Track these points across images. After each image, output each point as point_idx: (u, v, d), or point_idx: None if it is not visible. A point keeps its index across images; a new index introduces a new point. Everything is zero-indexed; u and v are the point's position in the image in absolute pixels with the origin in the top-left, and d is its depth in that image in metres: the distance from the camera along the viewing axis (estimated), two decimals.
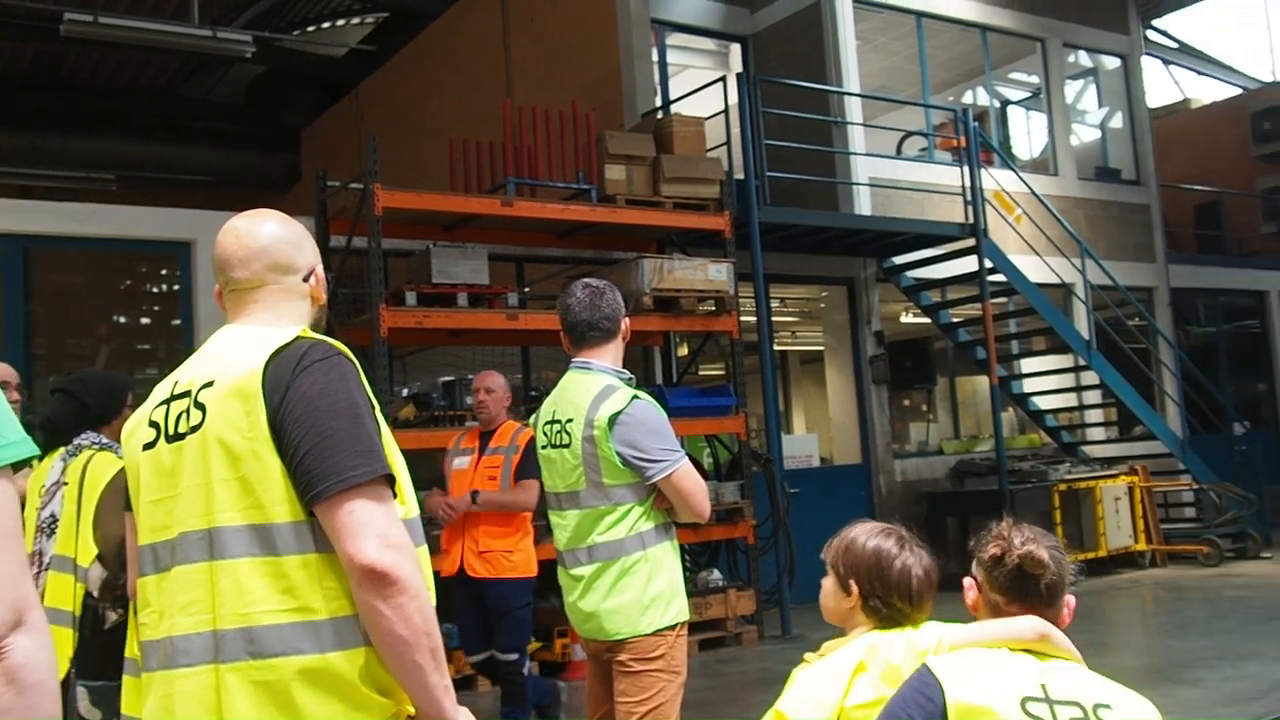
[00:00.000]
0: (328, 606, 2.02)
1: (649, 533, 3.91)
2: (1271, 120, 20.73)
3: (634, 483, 3.86)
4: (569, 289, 4.08)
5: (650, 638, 3.86)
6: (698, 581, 9.75)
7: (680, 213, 9.83)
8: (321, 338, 2.17)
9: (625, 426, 3.83)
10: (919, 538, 2.64)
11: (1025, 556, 2.32)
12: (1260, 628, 8.91)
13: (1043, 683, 2.16)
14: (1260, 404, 18.11)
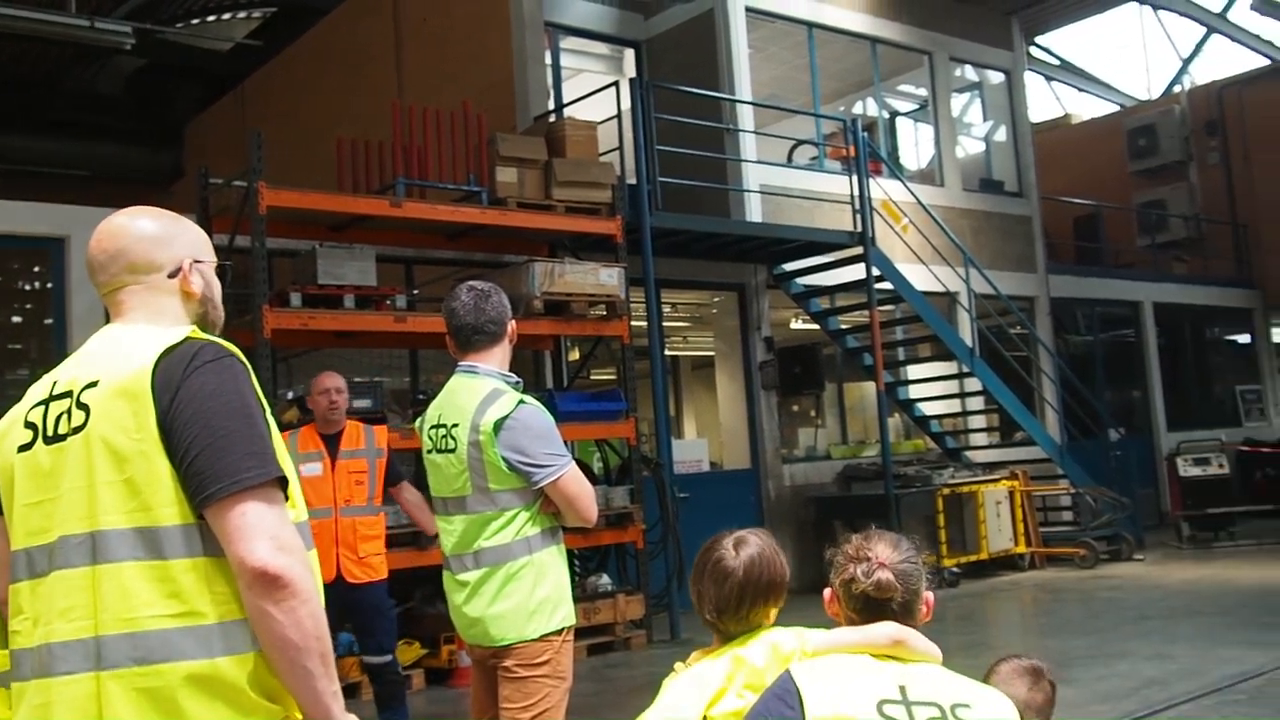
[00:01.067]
0: (216, 611, 1.98)
1: (535, 538, 3.88)
2: (1146, 137, 21.46)
3: (520, 488, 3.84)
4: (454, 292, 4.03)
5: (536, 643, 3.83)
6: (587, 586, 9.73)
7: (572, 217, 9.81)
8: (212, 338, 2.13)
9: (511, 431, 3.80)
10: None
11: (874, 586, 2.35)
12: (1132, 627, 9.19)
13: (901, 684, 2.19)
14: (1134, 410, 18.70)
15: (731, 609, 2.48)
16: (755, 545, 2.54)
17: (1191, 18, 22.53)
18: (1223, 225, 20.94)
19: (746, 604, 2.48)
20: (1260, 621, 9.01)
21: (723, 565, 2.49)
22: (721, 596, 2.48)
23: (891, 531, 2.51)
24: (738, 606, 2.48)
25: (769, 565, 2.51)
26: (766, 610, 2.52)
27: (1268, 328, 21.09)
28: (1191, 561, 13.09)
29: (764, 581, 2.50)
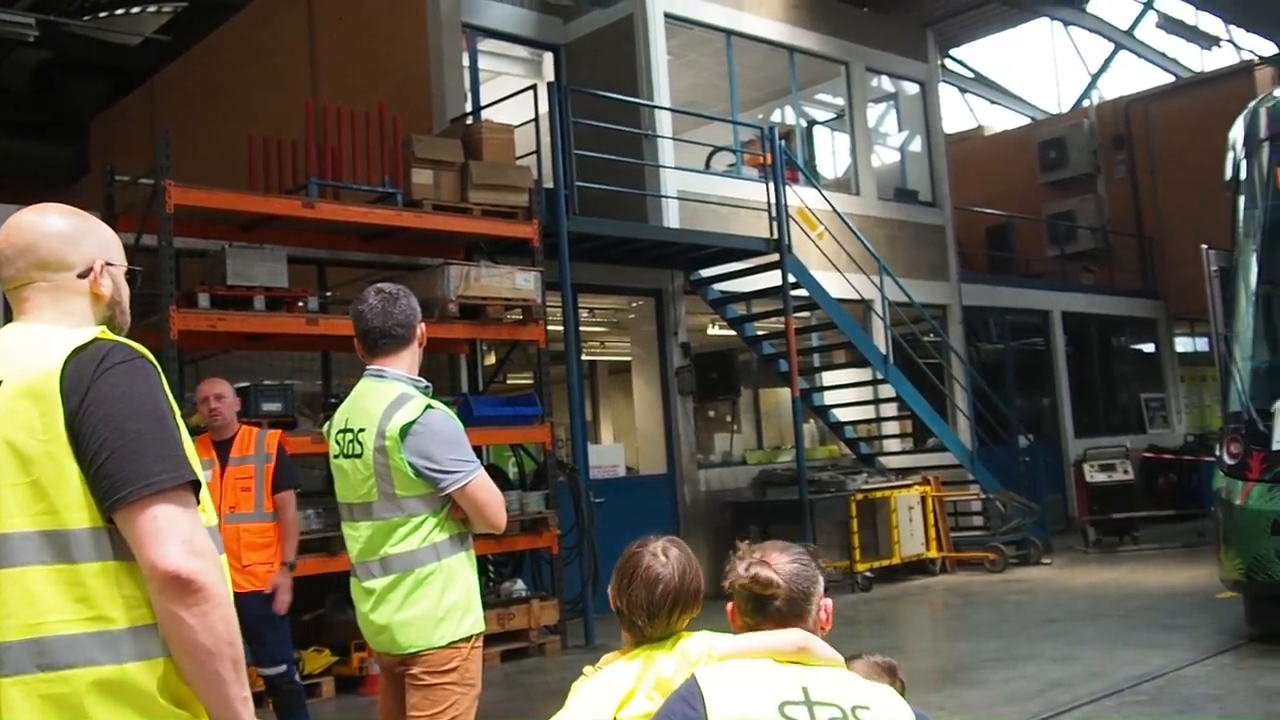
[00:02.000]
0: (126, 615, 1.95)
1: (443, 544, 3.85)
2: (1057, 149, 21.91)
3: (427, 494, 3.80)
4: (362, 295, 3.99)
5: (444, 650, 3.81)
6: (501, 592, 9.67)
7: (488, 220, 9.75)
8: (122, 339, 2.09)
9: (418, 437, 3.77)
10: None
11: (752, 580, 2.39)
12: (1039, 630, 9.35)
13: (804, 686, 2.22)
14: (1043, 417, 19.06)
15: (663, 614, 2.52)
16: (680, 553, 2.60)
17: (1100, 34, 23.08)
18: (1129, 237, 21.45)
19: (677, 610, 2.53)
20: (1162, 624, 9.22)
21: (654, 572, 2.53)
22: (654, 602, 2.51)
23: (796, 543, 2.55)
24: (669, 612, 2.52)
25: (693, 574, 2.57)
26: (690, 616, 2.57)
27: (1171, 337, 21.65)
28: (1097, 565, 13.37)
29: (693, 589, 2.56)
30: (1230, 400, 8.92)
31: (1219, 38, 21.13)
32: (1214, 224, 10.05)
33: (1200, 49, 22.25)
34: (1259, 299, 9.19)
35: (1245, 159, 9.39)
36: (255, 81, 14.10)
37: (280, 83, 13.62)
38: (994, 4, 18.61)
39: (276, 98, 13.29)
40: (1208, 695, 6.81)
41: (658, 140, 12.68)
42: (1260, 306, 9.19)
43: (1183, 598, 10.36)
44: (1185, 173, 19.42)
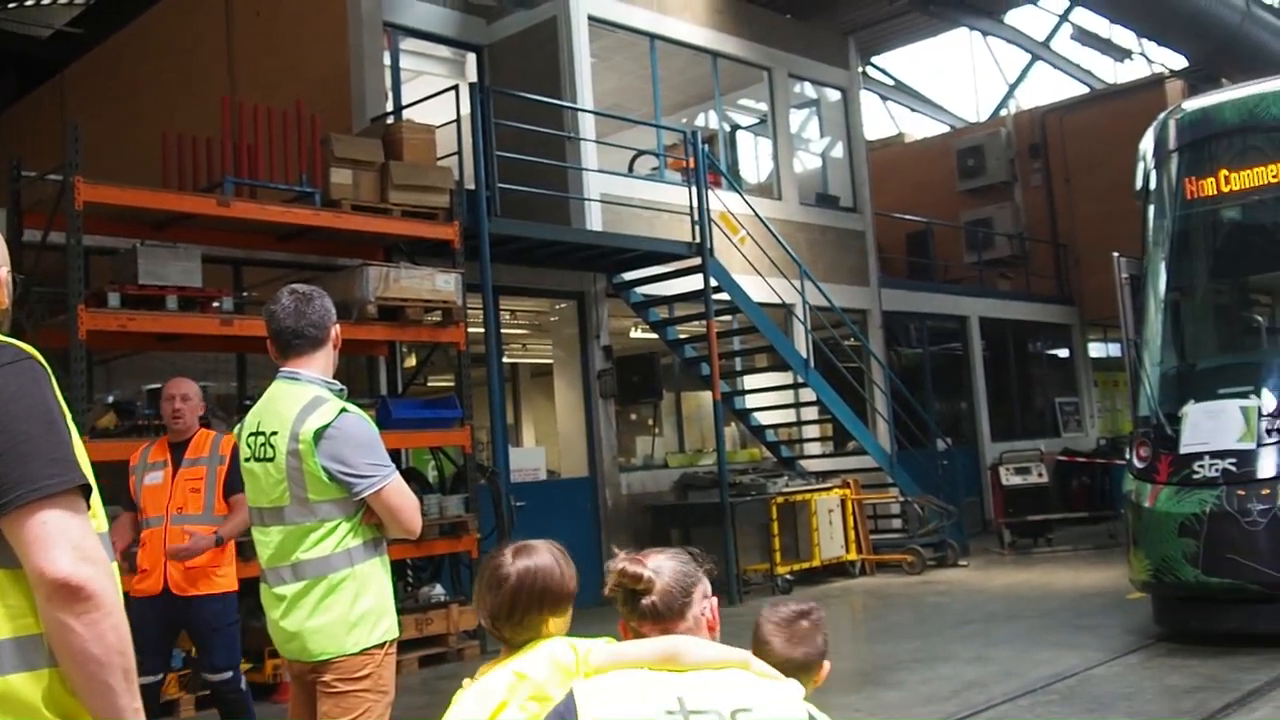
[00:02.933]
0: (11, 625, 1.88)
1: (357, 549, 3.80)
2: (974, 158, 22.25)
3: (341, 498, 3.75)
4: (275, 296, 3.94)
5: (356, 657, 3.75)
6: (419, 597, 9.57)
7: (408, 221, 9.65)
8: (11, 340, 2.01)
9: (332, 440, 3.71)
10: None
11: (620, 574, 2.40)
12: (955, 631, 9.47)
13: (679, 696, 2.18)
14: (961, 421, 19.34)
15: (504, 615, 2.48)
16: (535, 554, 2.53)
17: (1018, 45, 23.49)
18: (1045, 244, 21.85)
19: (519, 611, 2.48)
20: (1074, 624, 9.38)
21: (499, 572, 2.49)
22: (496, 603, 2.48)
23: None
24: (509, 613, 2.48)
25: (545, 574, 2.50)
26: (543, 618, 2.51)
27: (1085, 343, 22.09)
28: (1013, 567, 13.58)
29: (538, 589, 2.49)
30: (1140, 405, 9.11)
31: (1131, 51, 21.59)
32: (1126, 232, 10.27)
33: (1114, 61, 22.73)
34: (1168, 306, 9.40)
35: (1155, 169, 9.61)
36: (171, 78, 13.84)
37: (196, 79, 13.38)
38: (914, 14, 18.87)
39: (193, 95, 13.06)
40: (1117, 694, 6.94)
41: (581, 143, 12.65)
42: (1169, 313, 9.40)
43: (1094, 598, 10.56)
44: (1099, 181, 19.84)
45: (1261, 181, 8.95)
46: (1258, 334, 9.95)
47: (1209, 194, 9.21)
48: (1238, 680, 6.92)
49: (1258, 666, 7.21)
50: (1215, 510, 7.85)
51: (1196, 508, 7.95)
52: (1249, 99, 9.15)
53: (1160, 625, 8.50)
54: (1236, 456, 8.02)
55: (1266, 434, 8.03)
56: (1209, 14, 14.43)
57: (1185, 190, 9.32)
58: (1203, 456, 8.13)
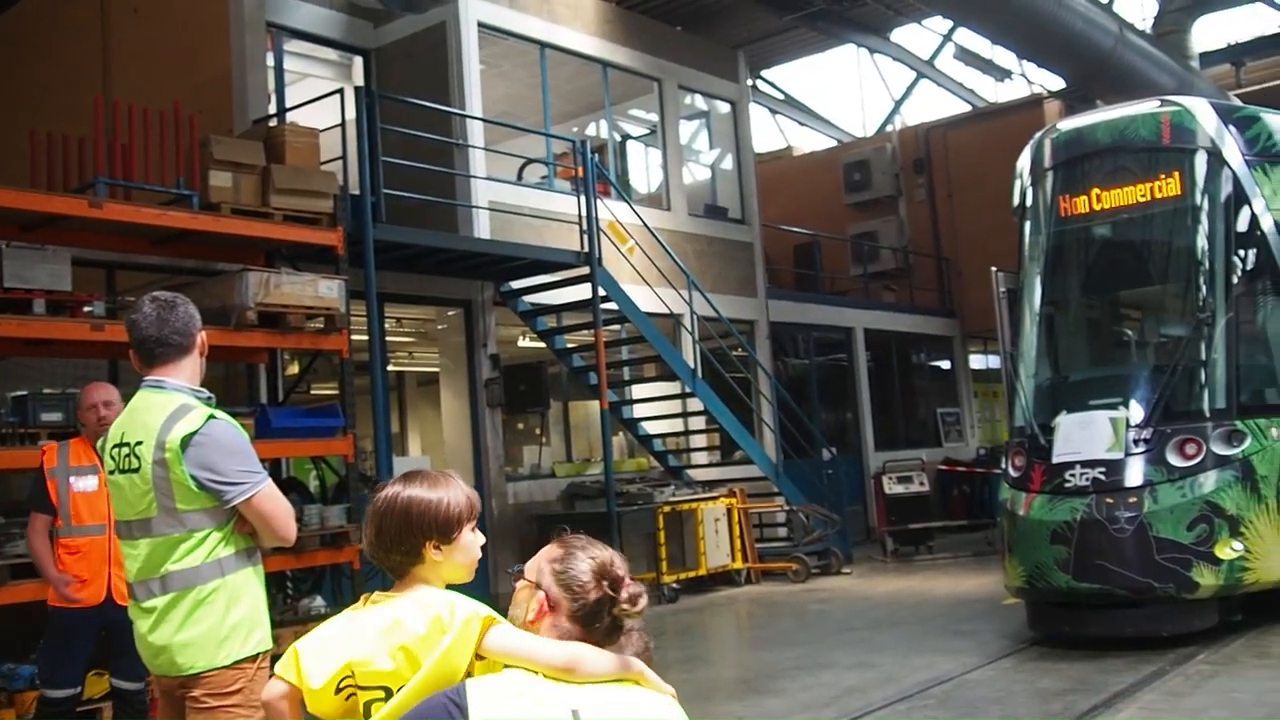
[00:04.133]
0: None
1: (228, 559, 3.72)
2: (861, 172, 22.65)
3: (211, 507, 3.66)
4: (137, 303, 3.86)
5: (228, 670, 3.67)
6: (299, 609, 9.37)
7: (290, 225, 9.44)
8: None
9: (200, 448, 3.63)
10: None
11: (636, 614, 2.37)
12: (838, 638, 9.59)
13: (574, 709, 2.17)
14: (846, 431, 19.63)
15: (373, 540, 2.46)
16: (409, 481, 2.50)
17: (903, 62, 23.99)
18: (928, 258, 22.32)
19: (387, 536, 2.44)
20: (952, 630, 9.57)
21: (375, 496, 2.48)
22: (370, 530, 2.47)
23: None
24: (377, 538, 2.45)
25: (409, 501, 2.45)
26: (417, 543, 2.44)
27: (966, 355, 22.61)
28: (894, 574, 13.81)
29: (398, 508, 2.45)
30: (1015, 415, 9.36)
31: (1012, 71, 22.20)
32: (1005, 247, 10.53)
33: (995, 80, 23.34)
34: (1042, 320, 9.67)
35: (1031, 187, 9.88)
36: (43, 75, 13.37)
37: (69, 77, 12.94)
38: (802, 29, 19.16)
39: (64, 90, 12.64)
40: (991, 698, 7.10)
41: (469, 150, 12.56)
42: (1043, 327, 9.67)
43: (972, 604, 10.79)
44: (980, 197, 20.33)
45: (1131, 200, 9.26)
46: (1127, 347, 10.29)
47: (1082, 211, 9.50)
48: (1105, 682, 7.13)
49: (1124, 669, 7.43)
50: (1085, 518, 8.09)
51: (1068, 515, 8.18)
52: (1120, 120, 9.46)
53: (1034, 630, 8.72)
54: (1106, 466, 8.27)
55: (1134, 444, 8.30)
56: (1084, 38, 14.88)
57: (1059, 207, 9.60)
58: (1074, 466, 8.37)
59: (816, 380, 19.04)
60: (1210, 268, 8.98)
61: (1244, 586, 8.10)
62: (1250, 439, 8.28)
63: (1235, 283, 8.91)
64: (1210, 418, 8.45)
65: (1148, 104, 9.64)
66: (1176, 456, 8.20)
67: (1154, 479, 8.15)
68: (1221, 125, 9.07)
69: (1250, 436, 8.29)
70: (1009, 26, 14.31)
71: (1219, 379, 8.66)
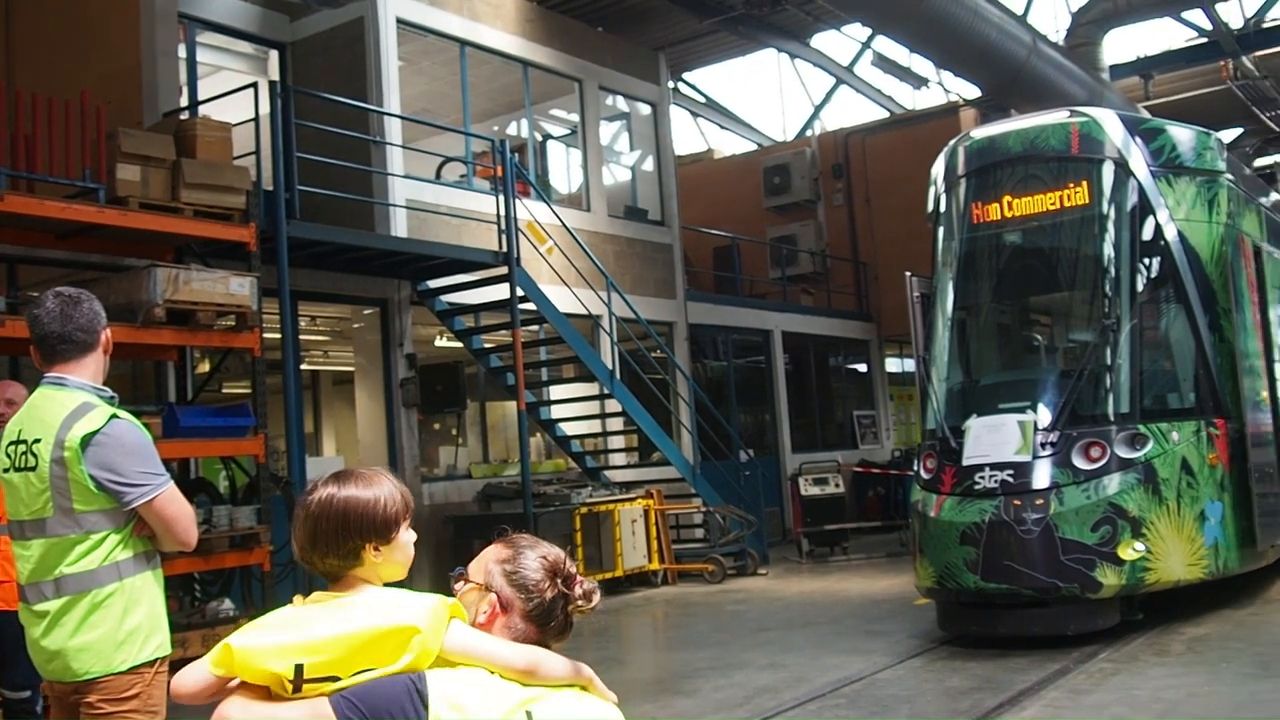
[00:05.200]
0: None
1: (126, 562, 3.63)
2: (781, 176, 22.83)
3: (109, 509, 3.58)
4: (39, 299, 3.76)
5: (124, 676, 3.59)
6: (207, 612, 9.20)
7: (201, 221, 9.28)
8: None
9: (101, 448, 3.54)
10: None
11: (591, 609, 2.36)
12: (752, 639, 9.65)
13: (528, 710, 2.18)
14: (764, 433, 19.77)
15: (309, 543, 2.32)
16: (344, 481, 2.35)
17: (823, 68, 24.22)
18: (845, 262, 22.56)
19: (321, 541, 2.31)
20: (864, 630, 9.68)
21: (306, 499, 2.33)
22: (302, 530, 2.32)
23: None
24: (313, 541, 2.31)
25: (351, 497, 2.32)
26: (357, 545, 2.32)
27: (882, 358, 22.89)
28: (809, 575, 13.93)
29: (336, 510, 2.31)
30: (927, 418, 9.49)
31: (929, 79, 22.51)
32: (921, 252, 10.68)
33: (912, 88, 23.66)
34: (954, 324, 9.83)
35: (945, 193, 10.04)
36: None
37: None
38: (723, 33, 19.24)
39: None
40: (900, 696, 7.19)
41: (387, 147, 12.43)
42: (955, 331, 9.83)
43: (884, 605, 10.92)
44: (897, 203, 20.62)
45: (1041, 208, 9.45)
46: (1036, 352, 10.51)
47: (994, 218, 9.67)
48: (1011, 681, 7.25)
49: (1029, 667, 7.57)
50: (994, 519, 8.23)
51: (977, 517, 8.32)
52: (1031, 130, 9.64)
53: (943, 629, 8.85)
54: (1014, 468, 8.43)
55: (1041, 447, 8.47)
56: (998, 48, 15.14)
57: (972, 214, 9.77)
58: (983, 468, 8.52)
59: (734, 382, 19.14)
60: (1116, 275, 9.20)
61: (1145, 586, 8.31)
62: (1153, 443, 8.50)
63: (1140, 290, 9.14)
64: (1115, 422, 8.66)
65: (1058, 114, 9.85)
66: (1082, 459, 8.39)
67: (1060, 481, 8.32)
68: (1128, 136, 9.30)
69: (1153, 440, 8.51)
70: (926, 35, 14.51)
71: (1123, 384, 8.87)
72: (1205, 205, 9.45)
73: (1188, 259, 9.21)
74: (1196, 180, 9.47)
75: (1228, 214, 9.57)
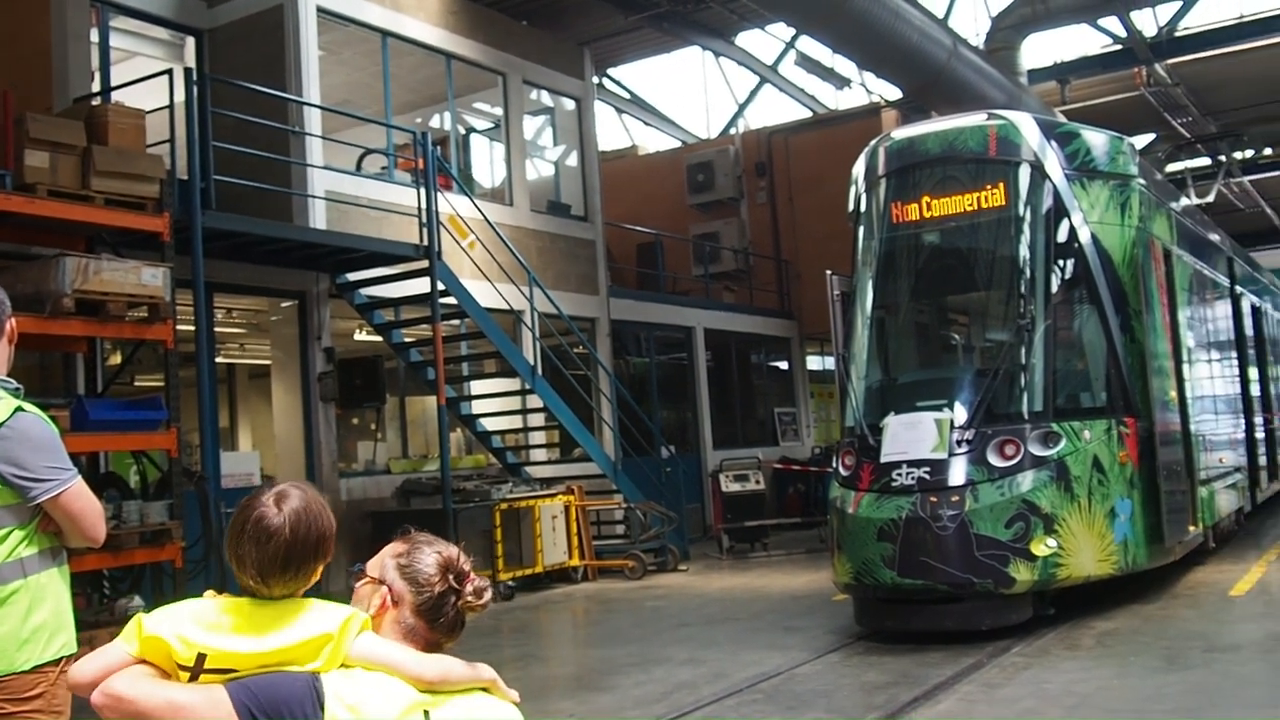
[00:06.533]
0: None
1: (31, 559, 3.53)
2: (704, 173, 22.91)
3: (13, 504, 3.48)
4: None
5: (27, 675, 3.49)
6: (116, 609, 8.99)
7: (113, 210, 9.05)
8: None
9: (5, 441, 3.44)
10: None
11: (480, 607, 2.37)
12: (671, 635, 9.67)
13: (426, 709, 2.18)
14: (686, 429, 19.83)
15: (277, 570, 2.28)
16: (299, 499, 2.34)
17: (747, 67, 24.32)
18: (768, 260, 22.71)
19: (294, 565, 2.29)
20: (783, 625, 9.75)
21: (265, 524, 2.27)
22: (265, 558, 2.27)
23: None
24: (284, 568, 2.28)
25: (316, 520, 2.33)
26: (317, 566, 2.35)
27: (803, 356, 23.08)
28: (730, 571, 13.99)
29: (313, 538, 2.32)
30: (846, 415, 9.58)
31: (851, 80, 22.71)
32: (843, 251, 10.77)
33: (835, 88, 23.85)
34: (873, 323, 9.93)
35: (865, 193, 10.13)
36: None
37: None
38: (648, 29, 19.23)
39: None
40: (817, 691, 7.25)
41: (306, 138, 12.25)
42: (874, 330, 9.93)
43: (803, 600, 11.01)
44: (819, 202, 20.78)
45: (959, 209, 9.58)
46: (953, 351, 10.67)
47: (913, 219, 9.79)
48: (926, 675, 7.35)
49: (944, 661, 7.68)
50: (910, 516, 8.34)
51: (894, 513, 8.42)
52: (949, 131, 9.77)
53: (861, 625, 8.94)
54: (930, 465, 8.54)
55: (957, 445, 8.59)
56: (919, 50, 15.31)
57: (891, 214, 9.87)
58: (901, 465, 8.62)
59: (657, 379, 19.17)
60: (1031, 276, 9.36)
61: (1057, 582, 8.47)
62: (1065, 441, 8.66)
63: (1054, 291, 9.32)
64: (1029, 420, 8.82)
65: (976, 117, 9.99)
66: (996, 457, 8.52)
67: (975, 478, 8.45)
68: (1044, 140, 9.46)
69: (1065, 438, 8.68)
70: (848, 36, 14.63)
71: (1037, 383, 9.04)
72: (1118, 209, 9.65)
73: (1100, 261, 9.41)
74: (1110, 184, 9.67)
75: (1139, 218, 9.79)
